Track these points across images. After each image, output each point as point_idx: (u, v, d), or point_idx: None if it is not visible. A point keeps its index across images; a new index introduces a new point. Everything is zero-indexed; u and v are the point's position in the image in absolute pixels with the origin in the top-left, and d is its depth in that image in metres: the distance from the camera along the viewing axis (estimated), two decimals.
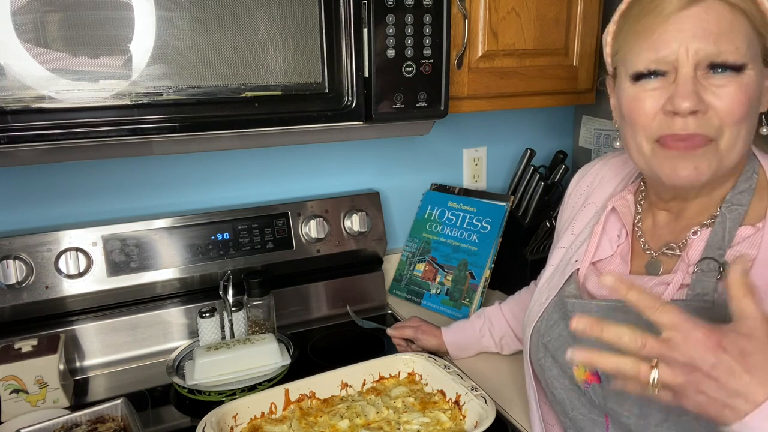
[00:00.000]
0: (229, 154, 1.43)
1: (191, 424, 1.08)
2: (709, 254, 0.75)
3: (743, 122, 0.72)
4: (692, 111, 0.71)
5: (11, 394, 1.08)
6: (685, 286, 0.76)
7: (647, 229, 0.88)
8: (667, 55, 0.72)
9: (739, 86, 0.71)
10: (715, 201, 0.80)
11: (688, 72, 0.71)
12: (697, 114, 0.71)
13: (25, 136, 0.91)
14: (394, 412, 1.04)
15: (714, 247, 0.76)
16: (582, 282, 0.89)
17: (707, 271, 0.74)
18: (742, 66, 0.71)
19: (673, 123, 0.73)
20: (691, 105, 0.70)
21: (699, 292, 0.73)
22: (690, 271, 0.76)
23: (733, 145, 0.73)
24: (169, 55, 0.95)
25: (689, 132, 0.72)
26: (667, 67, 0.73)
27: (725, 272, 0.72)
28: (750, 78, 0.71)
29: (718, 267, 0.73)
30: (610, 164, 1.00)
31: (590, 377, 0.82)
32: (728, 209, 0.78)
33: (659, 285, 0.79)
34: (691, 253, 0.78)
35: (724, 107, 0.71)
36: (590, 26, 1.36)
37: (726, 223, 0.77)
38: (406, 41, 1.10)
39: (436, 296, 1.52)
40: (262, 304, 1.30)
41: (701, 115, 0.72)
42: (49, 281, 1.22)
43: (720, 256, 0.75)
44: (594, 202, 0.97)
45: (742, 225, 0.76)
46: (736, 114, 0.71)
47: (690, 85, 0.71)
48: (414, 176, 1.66)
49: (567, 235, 0.98)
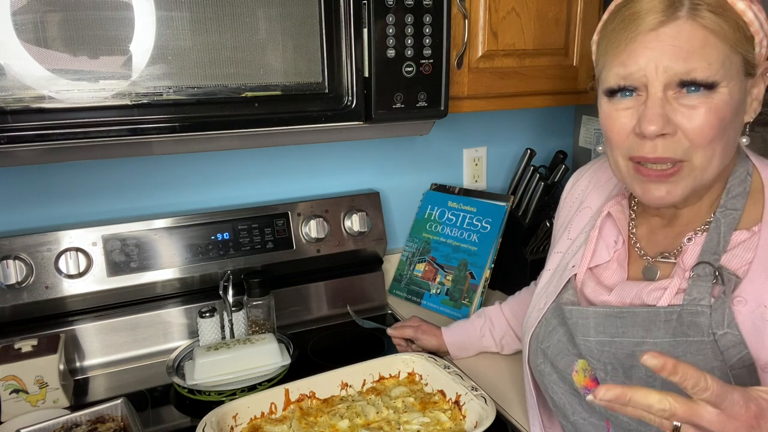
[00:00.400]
0: (229, 154, 1.43)
1: (191, 424, 1.08)
2: (705, 259, 0.75)
3: (716, 142, 0.72)
4: (660, 134, 0.71)
5: (11, 394, 1.08)
6: (682, 291, 0.76)
7: (642, 235, 0.88)
8: (634, 71, 0.72)
9: (709, 108, 0.70)
10: (707, 207, 0.81)
11: (656, 93, 0.71)
12: (665, 137, 0.71)
13: (25, 136, 0.91)
14: (394, 412, 1.04)
15: (709, 252, 0.76)
16: (580, 287, 0.89)
17: (703, 275, 0.74)
18: (713, 84, 0.70)
19: (643, 145, 0.73)
20: (657, 129, 0.70)
21: (695, 296, 0.73)
22: (686, 276, 0.76)
23: (708, 164, 0.73)
24: (169, 55, 0.95)
25: (657, 155, 0.72)
26: (636, 83, 0.73)
27: (720, 276, 0.73)
28: (722, 97, 0.70)
29: (714, 271, 0.73)
30: (604, 167, 0.99)
31: (590, 383, 0.82)
32: (723, 214, 0.77)
33: (656, 290, 0.79)
34: (687, 258, 0.78)
35: (693, 129, 0.71)
36: (590, 26, 1.36)
37: (721, 227, 0.77)
38: (406, 41, 1.10)
39: (436, 296, 1.52)
40: (262, 304, 1.30)
41: (670, 138, 0.71)
42: (49, 281, 1.22)
43: (715, 260, 0.75)
44: (589, 206, 0.97)
45: (737, 229, 0.76)
46: (706, 136, 0.71)
47: (657, 108, 0.71)
48: (414, 176, 1.66)
49: (563, 240, 0.97)
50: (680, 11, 0.69)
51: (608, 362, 0.79)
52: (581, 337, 0.81)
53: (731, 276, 0.73)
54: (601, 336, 0.79)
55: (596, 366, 0.80)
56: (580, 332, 0.82)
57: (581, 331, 0.81)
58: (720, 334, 0.71)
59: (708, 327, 0.71)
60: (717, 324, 0.71)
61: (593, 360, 0.80)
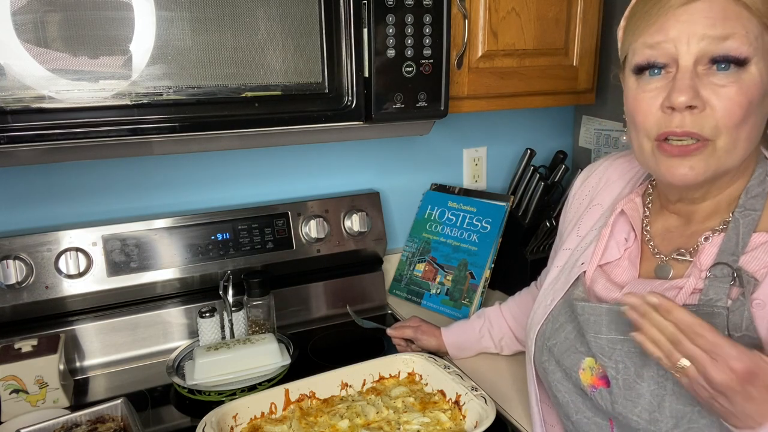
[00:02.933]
0: (229, 154, 1.43)
1: (191, 424, 1.08)
2: (722, 260, 0.74)
3: (742, 125, 0.71)
4: (689, 106, 0.70)
5: (11, 394, 1.08)
6: (698, 291, 0.75)
7: (657, 232, 0.87)
8: (664, 42, 0.71)
9: (740, 88, 0.69)
10: (725, 205, 0.79)
11: (687, 65, 0.70)
12: (693, 111, 0.70)
13: (25, 136, 0.91)
14: (394, 412, 1.04)
15: (727, 253, 0.75)
16: (589, 285, 0.88)
17: (720, 276, 0.73)
18: (745, 60, 0.69)
19: (671, 120, 0.72)
20: (687, 99, 0.69)
21: (712, 297, 0.73)
22: (702, 276, 0.75)
23: (733, 148, 0.72)
24: (169, 55, 0.95)
25: (685, 129, 0.71)
26: (666, 59, 0.72)
27: (739, 278, 0.72)
28: (752, 76, 0.70)
29: (732, 273, 0.72)
30: (615, 165, 0.98)
31: (597, 381, 0.81)
32: (741, 214, 0.76)
33: (671, 289, 0.78)
34: (703, 258, 0.77)
35: (722, 108, 0.70)
36: (590, 26, 1.36)
37: (740, 228, 0.75)
38: (406, 41, 1.10)
39: (436, 296, 1.52)
40: (262, 304, 1.30)
41: (698, 112, 0.70)
42: (49, 281, 1.22)
43: (734, 261, 0.74)
44: (600, 203, 0.96)
45: (756, 231, 0.75)
46: (734, 116, 0.70)
47: (687, 80, 0.70)
48: (414, 176, 1.66)
49: (572, 237, 0.97)
50: None
51: (619, 360, 0.78)
52: (592, 334, 0.81)
53: (750, 278, 0.72)
54: (613, 333, 0.79)
55: (607, 364, 0.79)
56: (592, 329, 0.81)
57: (593, 328, 0.81)
58: (737, 336, 0.70)
59: (724, 328, 0.70)
60: (734, 326, 0.70)
61: (604, 358, 0.79)
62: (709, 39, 0.69)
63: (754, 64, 0.69)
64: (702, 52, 0.69)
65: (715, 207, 0.80)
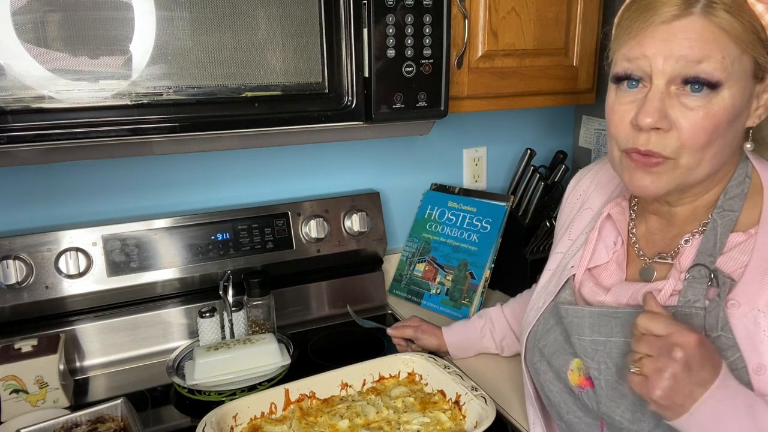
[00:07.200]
0: (229, 154, 1.43)
1: (191, 424, 1.08)
2: (701, 261, 0.75)
3: (707, 147, 0.72)
4: (654, 127, 0.71)
5: (11, 394, 1.08)
6: (677, 293, 0.76)
7: (641, 235, 0.88)
8: (641, 59, 0.72)
9: (707, 113, 0.70)
10: (705, 207, 0.81)
11: (659, 85, 0.72)
12: (659, 131, 0.72)
13: (25, 136, 0.91)
14: (394, 412, 1.04)
15: (705, 254, 0.76)
16: (578, 288, 0.89)
17: (698, 277, 0.74)
18: (717, 84, 0.69)
19: (638, 137, 0.74)
20: (653, 121, 0.71)
21: (690, 298, 0.74)
22: (682, 278, 0.77)
23: (696, 166, 0.73)
24: (169, 55, 0.95)
25: (648, 149, 0.73)
26: (641, 74, 0.73)
27: (715, 278, 0.73)
28: (723, 101, 0.70)
29: (709, 274, 0.73)
30: (606, 168, 0.99)
31: (584, 382, 0.82)
32: (720, 215, 0.77)
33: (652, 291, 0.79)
34: (683, 260, 0.79)
35: (687, 130, 0.71)
36: (590, 26, 1.36)
37: (717, 229, 0.77)
38: (406, 41, 1.10)
39: (436, 296, 1.52)
40: (262, 304, 1.30)
41: (663, 133, 0.72)
42: (49, 281, 1.22)
43: (711, 263, 0.75)
44: (590, 207, 0.97)
45: (733, 231, 0.76)
46: (698, 139, 0.71)
47: (656, 101, 0.71)
48: (414, 176, 1.66)
49: (564, 241, 0.98)
50: (695, 7, 0.70)
51: (602, 361, 0.79)
52: (576, 336, 0.82)
53: (726, 279, 0.73)
54: (595, 335, 0.80)
55: (590, 365, 0.80)
56: (575, 331, 0.82)
57: (576, 330, 0.82)
58: (713, 337, 0.71)
59: (701, 329, 0.71)
60: (710, 326, 0.71)
61: (587, 359, 0.81)
62: (684, 61, 0.70)
63: (727, 88, 0.70)
64: (676, 72, 0.70)
65: (693, 210, 0.81)
